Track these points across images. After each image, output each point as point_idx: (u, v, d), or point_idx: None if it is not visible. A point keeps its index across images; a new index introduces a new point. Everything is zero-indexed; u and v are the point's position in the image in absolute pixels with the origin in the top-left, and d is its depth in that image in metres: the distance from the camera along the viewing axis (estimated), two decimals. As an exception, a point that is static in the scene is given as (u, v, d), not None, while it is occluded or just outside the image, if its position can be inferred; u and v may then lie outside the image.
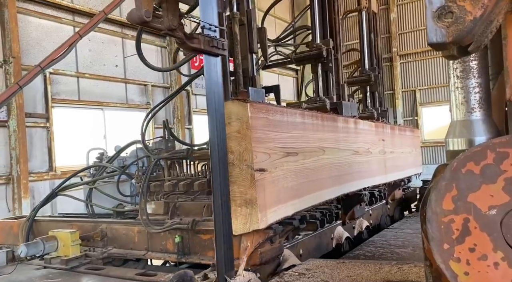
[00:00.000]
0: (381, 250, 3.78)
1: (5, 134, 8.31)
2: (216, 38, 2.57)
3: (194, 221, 2.74)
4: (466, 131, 1.32)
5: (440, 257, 1.13)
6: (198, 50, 2.50)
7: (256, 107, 2.43)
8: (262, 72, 16.13)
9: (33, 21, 9.05)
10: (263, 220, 2.33)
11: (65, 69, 9.43)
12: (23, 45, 8.66)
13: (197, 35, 2.45)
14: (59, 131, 9.36)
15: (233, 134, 2.36)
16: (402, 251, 3.70)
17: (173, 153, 3.28)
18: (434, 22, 0.98)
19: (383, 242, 4.08)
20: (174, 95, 3.75)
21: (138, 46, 3.06)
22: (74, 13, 9.85)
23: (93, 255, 3.19)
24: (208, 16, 2.56)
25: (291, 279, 2.31)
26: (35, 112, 8.87)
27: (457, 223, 1.12)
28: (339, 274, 2.34)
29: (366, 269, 2.40)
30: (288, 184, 2.66)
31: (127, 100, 11.05)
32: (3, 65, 8.31)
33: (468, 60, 1.27)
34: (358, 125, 4.10)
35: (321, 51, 4.22)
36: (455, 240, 1.12)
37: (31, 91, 8.73)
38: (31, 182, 8.44)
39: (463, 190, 1.12)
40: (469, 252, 1.11)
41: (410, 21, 17.23)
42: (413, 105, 17.14)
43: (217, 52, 2.60)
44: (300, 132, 2.94)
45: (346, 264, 2.56)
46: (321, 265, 2.57)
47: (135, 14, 2.02)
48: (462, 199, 1.12)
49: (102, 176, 4.12)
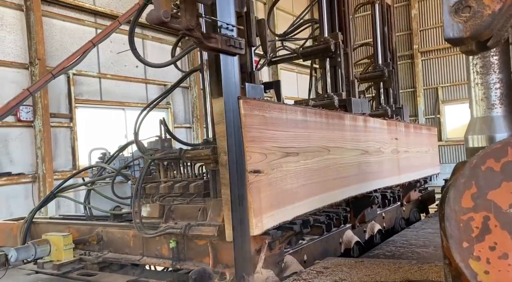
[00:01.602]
0: (401, 250, 3.72)
1: (31, 134, 8.59)
2: (233, 38, 2.59)
3: (188, 225, 2.61)
4: (486, 128, 1.30)
5: (459, 256, 1.12)
6: (216, 49, 2.52)
7: (251, 104, 2.27)
8: (280, 71, 16.13)
9: (57, 23, 9.31)
10: (258, 226, 2.18)
11: (88, 70, 9.66)
12: (48, 48, 8.92)
13: (215, 34, 2.47)
14: (82, 131, 9.60)
15: (225, 133, 2.22)
16: (423, 250, 3.64)
17: (165, 153, 3.08)
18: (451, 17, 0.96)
19: (403, 242, 4.02)
20: (168, 93, 3.60)
21: (131, 40, 2.92)
22: (96, 15, 10.08)
23: (88, 259, 3.07)
24: (225, 16, 2.58)
25: (308, 277, 2.31)
26: (59, 113, 9.13)
27: (477, 221, 1.11)
28: (358, 273, 2.32)
29: (385, 268, 2.38)
30: (287, 186, 2.49)
31: (147, 100, 11.22)
32: (29, 67, 8.58)
33: (488, 55, 1.24)
34: (368, 123, 3.86)
35: (328, 45, 4.03)
36: (475, 238, 1.10)
37: (55, 92, 9.00)
38: (56, 180, 8.69)
39: (483, 187, 1.10)
40: (489, 251, 1.09)
41: (432, 17, 16.88)
42: (435, 103, 16.79)
43: (234, 52, 2.62)
44: (302, 131, 2.75)
45: (364, 263, 2.54)
46: (339, 264, 2.56)
47: (153, 15, 2.06)
48: (481, 197, 1.10)
49: (99, 177, 3.94)
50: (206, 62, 2.89)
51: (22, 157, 8.45)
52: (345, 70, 4.28)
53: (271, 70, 16.27)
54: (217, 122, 2.23)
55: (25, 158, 8.50)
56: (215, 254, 2.50)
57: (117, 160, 4.04)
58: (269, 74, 16.25)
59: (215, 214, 2.53)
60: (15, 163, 8.32)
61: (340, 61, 4.14)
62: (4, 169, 8.13)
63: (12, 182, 8.14)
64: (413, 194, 5.51)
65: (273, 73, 16.26)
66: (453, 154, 16.38)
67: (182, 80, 3.53)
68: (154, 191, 3.11)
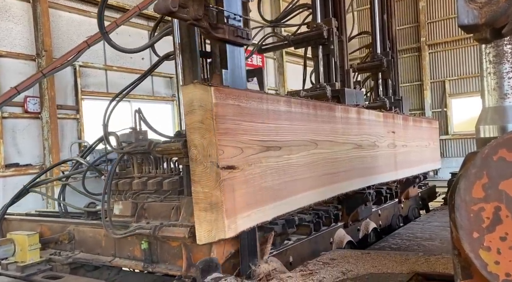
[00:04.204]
0: (407, 243, 3.72)
1: (38, 126, 8.65)
2: (240, 28, 2.57)
3: (158, 226, 2.40)
4: (498, 118, 1.28)
5: (469, 246, 1.11)
6: (223, 40, 2.51)
7: (224, 92, 2.03)
8: (286, 63, 16.06)
9: (63, 15, 9.31)
10: (231, 227, 1.97)
11: (94, 62, 9.68)
12: (54, 39, 8.95)
13: (222, 25, 2.46)
14: (89, 123, 9.65)
15: (195, 124, 1.98)
16: (429, 243, 3.63)
17: (134, 147, 2.84)
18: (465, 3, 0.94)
19: (409, 235, 4.02)
20: (140, 81, 3.35)
21: (100, 24, 2.73)
22: (102, 7, 10.06)
23: (58, 260, 2.87)
24: (232, 6, 2.56)
25: (315, 268, 2.31)
26: (66, 104, 9.18)
27: (488, 212, 1.10)
28: (364, 265, 2.32)
29: (392, 260, 2.38)
30: (267, 183, 2.26)
31: (153, 92, 11.24)
32: (36, 59, 8.61)
33: (502, 44, 1.22)
34: (362, 115, 3.59)
35: (321, 32, 3.77)
36: (486, 228, 1.10)
37: (62, 84, 9.04)
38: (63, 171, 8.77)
39: (494, 177, 1.09)
40: (500, 241, 1.08)
41: (439, 10, 16.66)
42: (442, 97, 16.65)
43: (241, 42, 2.61)
44: (285, 123, 2.50)
45: (371, 254, 2.54)
46: (345, 255, 2.56)
47: (161, 4, 2.05)
48: (493, 187, 1.09)
49: (74, 172, 3.66)
50: (179, 46, 2.66)
51: (29, 148, 8.52)
52: (340, 59, 4.04)
53: (277, 63, 16.20)
54: (187, 113, 2.01)
55: (33, 149, 8.58)
56: (189, 256, 2.31)
57: (98, 153, 3.77)
58: (274, 67, 16.19)
59: (188, 214, 2.33)
60: (22, 154, 8.40)
61: (334, 49, 3.88)
62: (12, 160, 8.21)
63: (20, 172, 8.21)
64: (412, 190, 5.29)
65: (279, 66, 16.20)
66: (459, 148, 16.28)
67: (154, 67, 3.29)
68: (127, 187, 2.86)
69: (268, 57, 15.73)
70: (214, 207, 1.95)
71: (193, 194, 2.02)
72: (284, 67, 16.04)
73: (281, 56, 16.01)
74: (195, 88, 1.99)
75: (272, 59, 16.13)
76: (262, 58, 15.11)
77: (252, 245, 2.40)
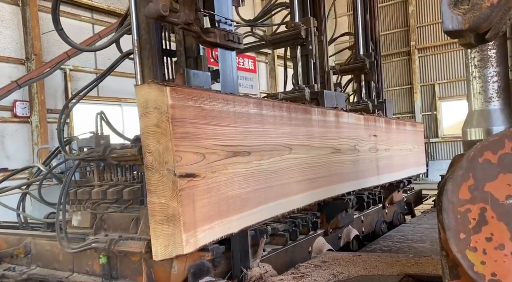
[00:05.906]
0: (398, 245, 3.75)
1: (28, 130, 8.56)
2: (231, 32, 2.59)
3: (115, 239, 2.23)
4: (484, 121, 1.31)
5: (456, 247, 1.13)
6: (214, 44, 2.52)
7: (182, 92, 1.85)
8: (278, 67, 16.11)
9: (53, 19, 9.25)
10: (190, 242, 1.78)
11: (85, 66, 9.61)
12: (44, 43, 8.87)
13: (213, 29, 2.47)
14: (79, 127, 9.56)
15: (150, 128, 1.78)
16: (420, 245, 3.67)
17: (89, 153, 2.62)
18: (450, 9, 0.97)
19: (400, 237, 4.05)
20: (99, 81, 3.21)
21: (55, 18, 2.48)
22: (93, 11, 10.02)
23: (12, 276, 2.69)
24: (223, 10, 2.57)
25: (306, 270, 2.32)
26: (56, 109, 9.08)
27: (474, 213, 1.12)
28: (355, 267, 2.34)
29: (383, 261, 2.40)
30: (234, 192, 2.08)
31: (144, 96, 11.20)
32: (25, 63, 8.53)
33: (486, 49, 1.25)
34: (341, 118, 3.44)
35: (299, 31, 3.63)
36: (472, 229, 1.12)
37: (52, 88, 8.96)
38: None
39: (480, 179, 1.11)
40: (485, 242, 1.10)
41: (429, 14, 16.88)
42: (432, 100, 16.84)
43: (232, 46, 2.62)
44: (255, 127, 2.32)
45: (362, 256, 2.56)
46: (337, 258, 2.57)
47: (152, 9, 2.05)
48: (479, 189, 1.12)
49: (34, 180, 3.46)
50: (137, 43, 2.49)
51: (18, 152, 8.42)
52: (320, 60, 3.90)
53: (269, 67, 16.25)
54: (141, 115, 1.81)
55: (22, 153, 8.48)
56: (149, 272, 2.15)
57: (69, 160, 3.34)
58: (266, 70, 16.24)
59: (147, 226, 2.06)
60: (11, 158, 8.30)
61: (312, 49, 3.73)
62: (1, 164, 8.10)
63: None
64: (396, 195, 5.13)
65: (271, 69, 16.25)
66: (450, 150, 16.46)
67: (113, 67, 3.13)
68: (87, 197, 2.65)
69: (260, 61, 15.77)
70: (171, 219, 1.75)
71: (148, 205, 1.82)
72: (276, 71, 16.09)
73: (273, 60, 16.07)
74: (150, 89, 1.78)
75: (264, 63, 16.17)
76: (254, 62, 15.15)
77: (243, 249, 2.40)
